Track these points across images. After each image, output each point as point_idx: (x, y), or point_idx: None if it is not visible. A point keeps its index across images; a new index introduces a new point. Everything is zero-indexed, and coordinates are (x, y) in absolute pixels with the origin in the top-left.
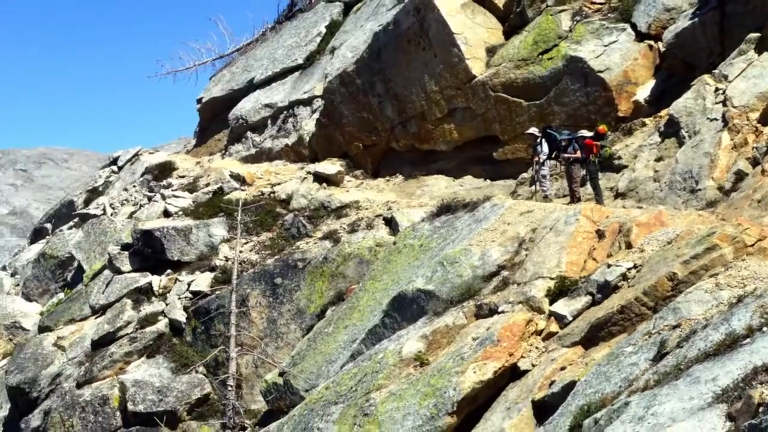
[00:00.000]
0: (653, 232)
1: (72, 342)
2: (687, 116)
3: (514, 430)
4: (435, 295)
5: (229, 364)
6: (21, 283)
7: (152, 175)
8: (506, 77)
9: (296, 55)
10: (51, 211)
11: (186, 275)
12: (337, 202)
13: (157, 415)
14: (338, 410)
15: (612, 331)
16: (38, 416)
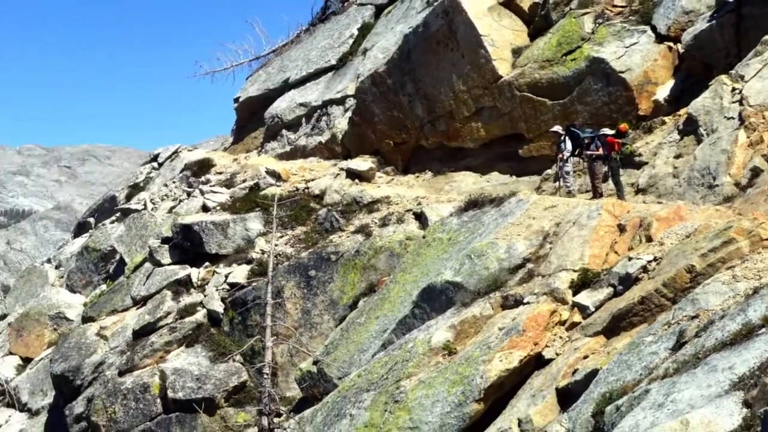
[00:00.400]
0: (672, 226)
1: (114, 332)
2: (705, 115)
3: (539, 416)
4: (463, 286)
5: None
6: (65, 275)
7: (191, 172)
8: (531, 77)
9: (329, 56)
10: (94, 206)
11: (223, 268)
12: (368, 198)
13: (196, 402)
14: (370, 397)
15: (633, 321)
16: (81, 403)
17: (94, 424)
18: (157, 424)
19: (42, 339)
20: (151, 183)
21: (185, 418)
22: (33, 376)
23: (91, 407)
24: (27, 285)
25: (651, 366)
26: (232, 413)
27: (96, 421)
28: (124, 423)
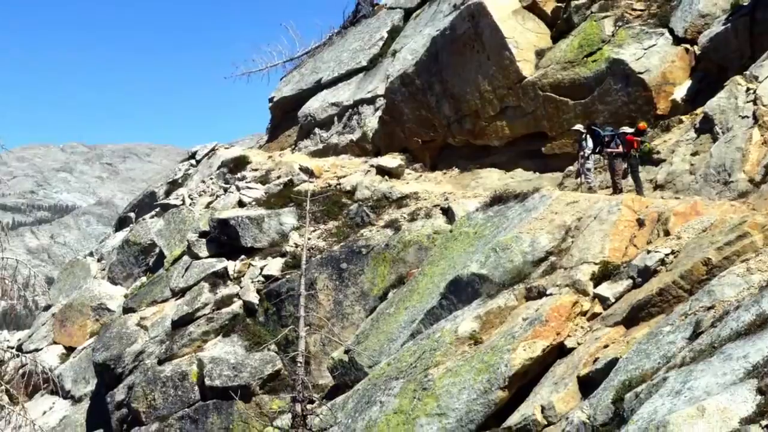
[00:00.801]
0: (689, 221)
1: (154, 322)
2: (720, 114)
3: (561, 403)
4: (488, 278)
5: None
6: (107, 267)
7: (228, 169)
8: (554, 78)
9: (360, 57)
10: (134, 202)
11: (259, 260)
12: (397, 193)
13: (232, 390)
14: (399, 385)
15: (651, 312)
16: (122, 390)
17: (134, 411)
18: (195, 411)
19: (84, 329)
20: (189, 179)
21: (222, 405)
22: (76, 364)
23: (131, 394)
24: (70, 277)
25: (669, 355)
26: (267, 400)
27: (136, 408)
28: (163, 409)
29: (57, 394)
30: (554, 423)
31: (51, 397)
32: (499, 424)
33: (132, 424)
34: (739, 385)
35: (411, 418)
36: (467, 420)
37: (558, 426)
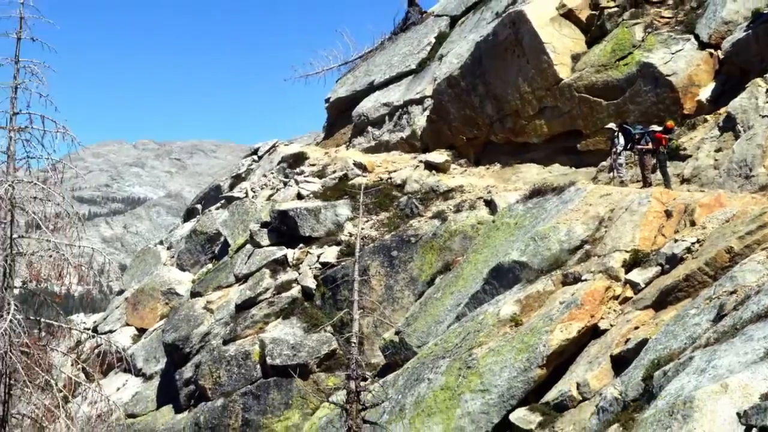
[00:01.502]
0: (713, 212)
1: (219, 305)
2: (742, 113)
3: (595, 380)
4: (528, 265)
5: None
6: (175, 255)
7: (287, 164)
8: (588, 80)
9: (410, 61)
10: (201, 194)
11: (316, 249)
12: (444, 187)
13: (292, 368)
14: (445, 363)
15: (678, 296)
16: (190, 369)
17: (201, 387)
18: (257, 387)
19: (155, 312)
20: (251, 174)
21: (282, 382)
22: (147, 344)
23: (198, 372)
24: (142, 264)
25: (694, 336)
26: (323, 378)
27: (203, 385)
28: (228, 386)
29: (129, 372)
30: (589, 398)
31: (124, 374)
32: (537, 400)
33: (199, 400)
34: (760, 363)
35: (456, 394)
36: (508, 396)
37: (592, 401)
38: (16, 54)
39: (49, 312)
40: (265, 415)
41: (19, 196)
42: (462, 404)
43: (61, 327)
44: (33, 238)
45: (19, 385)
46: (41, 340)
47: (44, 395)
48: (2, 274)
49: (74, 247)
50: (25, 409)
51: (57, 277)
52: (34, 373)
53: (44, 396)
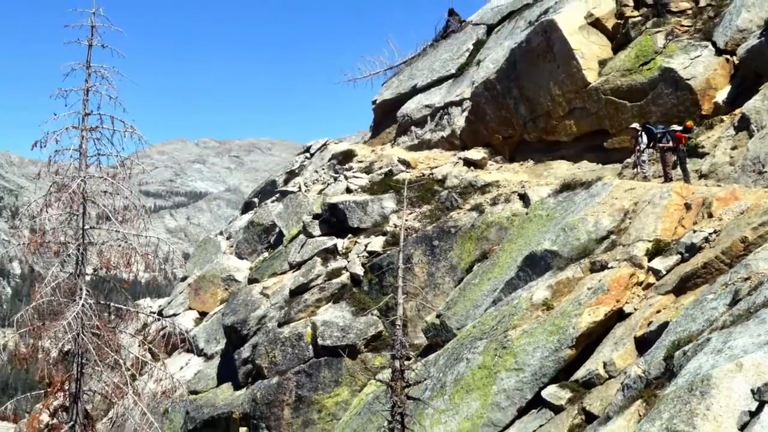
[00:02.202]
0: (729, 205)
1: (274, 291)
2: (756, 114)
3: (620, 360)
4: (558, 254)
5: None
6: (234, 244)
7: (337, 161)
8: (614, 84)
9: (450, 66)
10: (258, 189)
11: (363, 239)
12: (481, 182)
13: (341, 348)
14: (482, 344)
15: (697, 282)
16: (248, 349)
17: (258, 366)
18: (309, 366)
19: (215, 297)
20: (304, 170)
21: (332, 361)
22: (208, 327)
23: (255, 352)
24: (203, 253)
25: (711, 319)
26: (370, 357)
27: (259, 364)
28: (282, 365)
29: (192, 352)
30: (614, 377)
31: (187, 354)
32: (567, 378)
33: (256, 378)
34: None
35: (492, 373)
36: (540, 374)
37: (617, 379)
38: (88, 60)
39: (118, 297)
40: (317, 392)
41: (91, 191)
42: (498, 382)
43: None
44: (103, 229)
45: (91, 364)
46: (111, 322)
47: (113, 373)
48: (75, 262)
49: (141, 237)
50: (96, 386)
51: (125, 264)
52: (104, 353)
53: (113, 374)
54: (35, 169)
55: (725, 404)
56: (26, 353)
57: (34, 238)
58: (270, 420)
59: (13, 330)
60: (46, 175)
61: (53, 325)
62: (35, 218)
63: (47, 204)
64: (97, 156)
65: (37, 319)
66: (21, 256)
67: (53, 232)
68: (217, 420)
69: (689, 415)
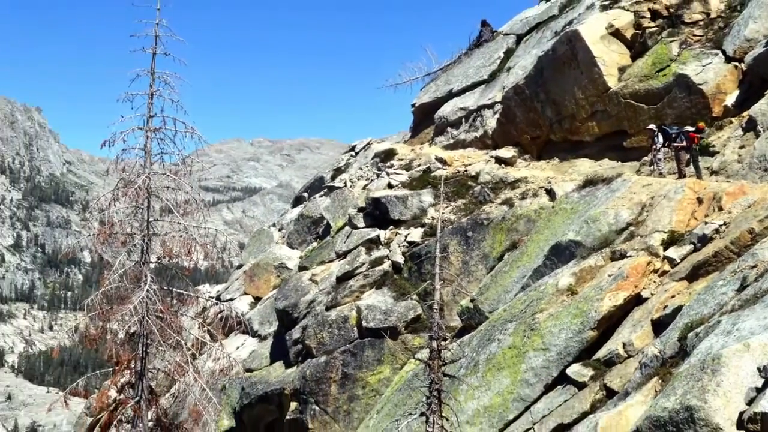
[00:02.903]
0: (738, 199)
1: (322, 278)
2: (762, 116)
3: (638, 340)
4: (582, 244)
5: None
6: (286, 235)
7: (379, 159)
8: (633, 88)
9: (483, 72)
10: (307, 184)
11: (403, 230)
12: (511, 178)
13: (383, 330)
14: (512, 326)
15: (708, 270)
16: (298, 331)
17: (307, 346)
18: (354, 346)
19: (269, 283)
20: (349, 167)
21: (375, 342)
22: (262, 310)
23: (305, 334)
24: (257, 243)
25: (721, 303)
26: (410, 338)
27: (309, 344)
28: (330, 345)
29: (247, 334)
30: (633, 356)
31: (242, 336)
32: (589, 357)
33: (305, 357)
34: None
35: (521, 352)
36: (565, 354)
37: (635, 358)
38: (152, 66)
39: (179, 283)
40: (361, 370)
41: (155, 186)
42: (526, 360)
43: (189, 296)
44: (166, 221)
45: (155, 345)
46: (173, 306)
47: (175, 353)
48: (140, 251)
49: (201, 228)
50: (159, 365)
51: (186, 253)
52: (167, 335)
53: (175, 353)
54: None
55: (734, 381)
56: (96, 334)
57: (103, 230)
58: (318, 395)
59: (84, 313)
60: (114, 171)
61: (120, 308)
62: (104, 211)
63: (115, 198)
64: (160, 154)
65: (106, 304)
66: (91, 245)
67: (120, 224)
68: (270, 395)
69: (701, 391)
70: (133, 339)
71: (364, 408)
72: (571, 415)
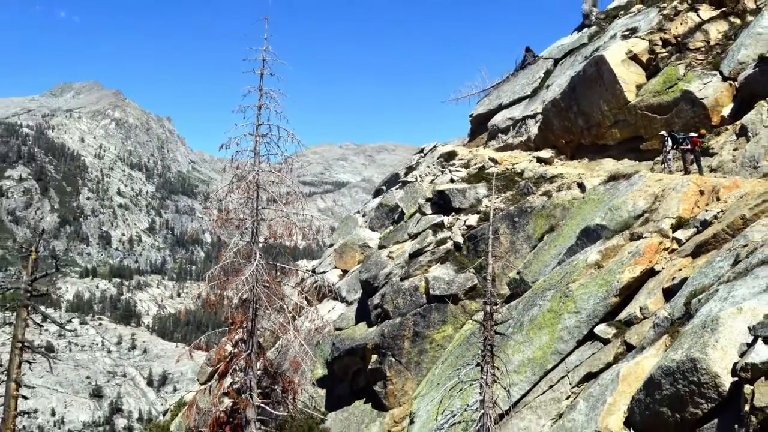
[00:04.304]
0: (732, 191)
1: (397, 254)
2: (752, 124)
3: (652, 305)
4: (606, 227)
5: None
6: (368, 220)
7: (443, 159)
8: (647, 102)
9: (526, 89)
10: (385, 179)
11: (463, 216)
12: (550, 174)
13: (447, 297)
14: (550, 294)
15: (708, 248)
16: (377, 297)
17: (385, 310)
18: (423, 310)
19: (354, 259)
20: (419, 165)
21: (440, 306)
22: (348, 281)
23: (383, 299)
24: (345, 226)
25: (719, 275)
26: (468, 303)
27: (386, 308)
28: (403, 309)
29: (337, 300)
30: (648, 318)
31: (333, 301)
32: (613, 318)
33: (383, 318)
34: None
35: (558, 314)
36: (593, 316)
37: (650, 319)
38: (260, 84)
39: (282, 259)
40: (428, 329)
41: (262, 181)
42: (562, 321)
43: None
44: (271, 209)
45: (262, 308)
46: (277, 277)
47: (279, 315)
48: (251, 233)
49: (299, 215)
50: (266, 325)
51: (287, 235)
52: (272, 300)
53: (279, 316)
54: (221, 165)
55: (729, 338)
56: (215, 300)
57: (220, 216)
58: (394, 349)
59: (206, 283)
60: (229, 169)
61: (235, 279)
62: (221, 201)
63: (230, 190)
64: (267, 155)
65: (223, 275)
66: (211, 229)
67: (235, 211)
68: (355, 349)
69: (702, 345)
70: (244, 304)
71: (431, 360)
72: (598, 365)
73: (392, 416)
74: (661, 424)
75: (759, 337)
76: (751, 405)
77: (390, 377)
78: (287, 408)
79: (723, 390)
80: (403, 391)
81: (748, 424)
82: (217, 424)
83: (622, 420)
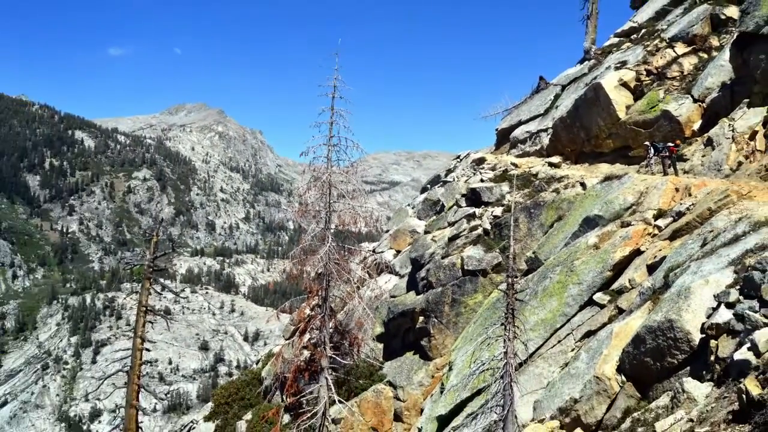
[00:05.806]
0: (701, 189)
1: (439, 238)
2: (716, 137)
3: (638, 278)
4: (603, 217)
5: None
6: (416, 211)
7: (475, 163)
8: (635, 119)
9: (540, 109)
10: (430, 180)
11: (490, 208)
12: (558, 175)
13: (478, 271)
14: (559, 269)
15: (682, 233)
16: (423, 271)
17: (429, 281)
18: (459, 281)
19: (405, 241)
20: (456, 168)
21: (473, 278)
22: (401, 259)
23: (428, 273)
24: (398, 216)
25: (691, 254)
26: (494, 276)
27: (430, 280)
28: (444, 280)
29: (392, 274)
30: (635, 287)
31: (389, 275)
32: (608, 288)
33: (428, 288)
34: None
35: (564, 285)
36: (592, 286)
37: (637, 289)
38: (332, 105)
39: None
40: (463, 296)
41: (333, 181)
42: (567, 290)
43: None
44: (340, 203)
45: (333, 280)
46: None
47: (346, 285)
48: (324, 222)
49: (362, 207)
50: (336, 293)
51: (353, 223)
52: (341, 274)
53: (346, 286)
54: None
55: (699, 303)
56: (296, 274)
57: (301, 208)
58: (437, 312)
59: (289, 261)
60: (307, 171)
61: (312, 258)
62: (302, 196)
63: (308, 188)
64: (337, 161)
65: (303, 255)
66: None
67: (312, 204)
68: (406, 312)
69: (678, 309)
70: (319, 277)
71: (465, 320)
72: (596, 324)
73: (435, 364)
74: (646, 370)
75: (722, 303)
76: (715, 356)
77: (433, 334)
78: (353, 358)
79: (694, 344)
80: (444, 345)
81: (713, 370)
82: (298, 371)
83: (614, 367)
